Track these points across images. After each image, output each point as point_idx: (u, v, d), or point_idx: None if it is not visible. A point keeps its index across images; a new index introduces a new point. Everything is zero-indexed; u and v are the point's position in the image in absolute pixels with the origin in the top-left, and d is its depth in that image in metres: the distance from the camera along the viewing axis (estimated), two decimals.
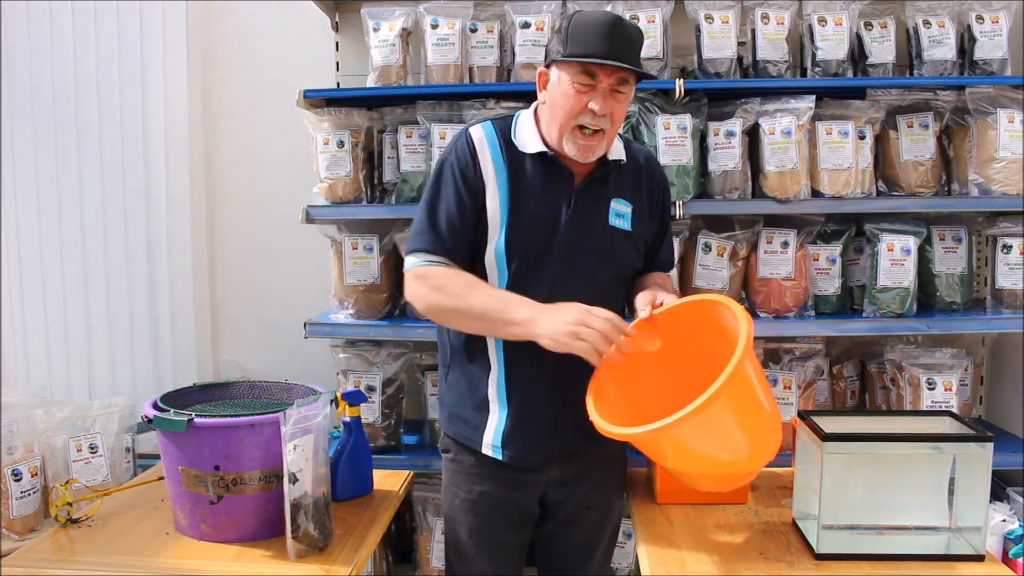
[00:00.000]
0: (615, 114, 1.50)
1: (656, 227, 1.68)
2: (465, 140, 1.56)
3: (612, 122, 1.50)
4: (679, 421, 1.21)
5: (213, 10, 2.66)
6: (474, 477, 1.64)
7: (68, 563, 1.46)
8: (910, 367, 2.28)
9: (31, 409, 2.08)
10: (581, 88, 1.46)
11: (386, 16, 2.36)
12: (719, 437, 1.32)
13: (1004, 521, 2.05)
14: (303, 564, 1.44)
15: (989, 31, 2.28)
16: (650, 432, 1.26)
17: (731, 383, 1.22)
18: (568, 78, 1.47)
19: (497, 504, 1.64)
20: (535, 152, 1.55)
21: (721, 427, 1.30)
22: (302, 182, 2.46)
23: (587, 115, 1.47)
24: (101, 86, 2.60)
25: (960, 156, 2.31)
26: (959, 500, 1.42)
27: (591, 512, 1.70)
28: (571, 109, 1.47)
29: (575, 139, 1.50)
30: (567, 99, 1.48)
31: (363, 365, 2.37)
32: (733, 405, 1.28)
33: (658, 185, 1.69)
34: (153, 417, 1.53)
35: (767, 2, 2.32)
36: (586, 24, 1.45)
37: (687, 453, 1.35)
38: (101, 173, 2.63)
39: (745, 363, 1.26)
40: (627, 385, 1.48)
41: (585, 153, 1.51)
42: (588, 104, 1.46)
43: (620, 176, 1.61)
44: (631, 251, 1.62)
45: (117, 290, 2.67)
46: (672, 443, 1.33)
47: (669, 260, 1.76)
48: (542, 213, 1.54)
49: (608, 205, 1.58)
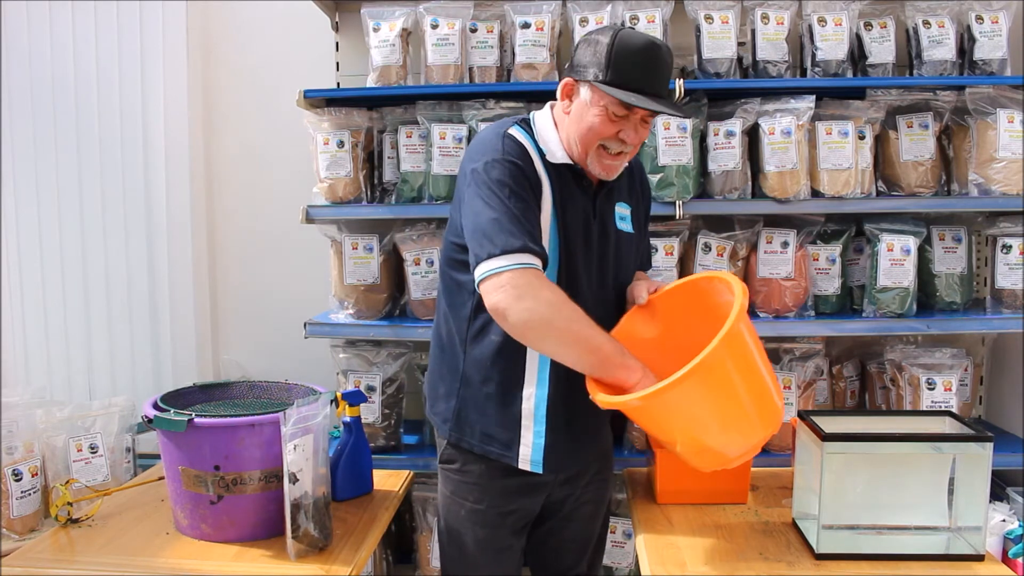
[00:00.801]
0: (639, 141, 1.52)
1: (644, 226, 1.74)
2: (515, 142, 1.49)
3: (635, 147, 1.52)
4: (677, 382, 1.20)
5: (213, 10, 2.66)
6: (483, 487, 1.60)
7: (68, 563, 1.47)
8: (910, 367, 2.28)
9: (31, 409, 2.08)
10: (616, 118, 1.46)
11: (386, 16, 2.36)
12: (719, 400, 1.29)
13: (1004, 521, 2.05)
14: (303, 564, 1.44)
15: (989, 31, 2.28)
16: (649, 396, 1.24)
17: (727, 342, 1.21)
18: (602, 104, 1.45)
19: (505, 512, 1.62)
20: (561, 162, 1.53)
21: (720, 388, 1.28)
22: (302, 182, 2.46)
23: (615, 142, 1.48)
24: (101, 86, 2.60)
25: (960, 156, 2.31)
26: (959, 500, 1.42)
27: (587, 506, 1.72)
28: (601, 133, 1.47)
29: (600, 158, 1.50)
30: (600, 124, 1.46)
31: (363, 365, 2.37)
32: (731, 364, 1.26)
33: (644, 185, 1.75)
34: (153, 417, 1.53)
35: (767, 2, 2.32)
36: (629, 51, 1.41)
37: (686, 420, 1.32)
38: (101, 173, 2.63)
39: (740, 325, 1.25)
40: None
41: (610, 173, 1.53)
42: (619, 133, 1.46)
43: (620, 179, 1.63)
44: (635, 252, 1.67)
45: (117, 290, 2.67)
46: (671, 410, 1.30)
47: (648, 257, 1.82)
48: (579, 223, 1.53)
49: (614, 208, 1.61)
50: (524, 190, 1.44)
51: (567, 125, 1.52)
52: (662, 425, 1.37)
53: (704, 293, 1.45)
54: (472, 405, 1.57)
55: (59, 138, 2.62)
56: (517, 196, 1.42)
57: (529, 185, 1.45)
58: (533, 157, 1.50)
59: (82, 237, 2.65)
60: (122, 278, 2.67)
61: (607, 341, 1.38)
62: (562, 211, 1.50)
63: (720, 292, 1.42)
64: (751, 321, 1.41)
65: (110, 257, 2.66)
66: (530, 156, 1.49)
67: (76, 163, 2.62)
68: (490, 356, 1.53)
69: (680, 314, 1.50)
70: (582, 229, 1.53)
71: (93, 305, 2.67)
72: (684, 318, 1.49)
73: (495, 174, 1.43)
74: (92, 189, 2.63)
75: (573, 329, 1.36)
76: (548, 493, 1.65)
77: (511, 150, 1.47)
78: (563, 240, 1.50)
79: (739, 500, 1.71)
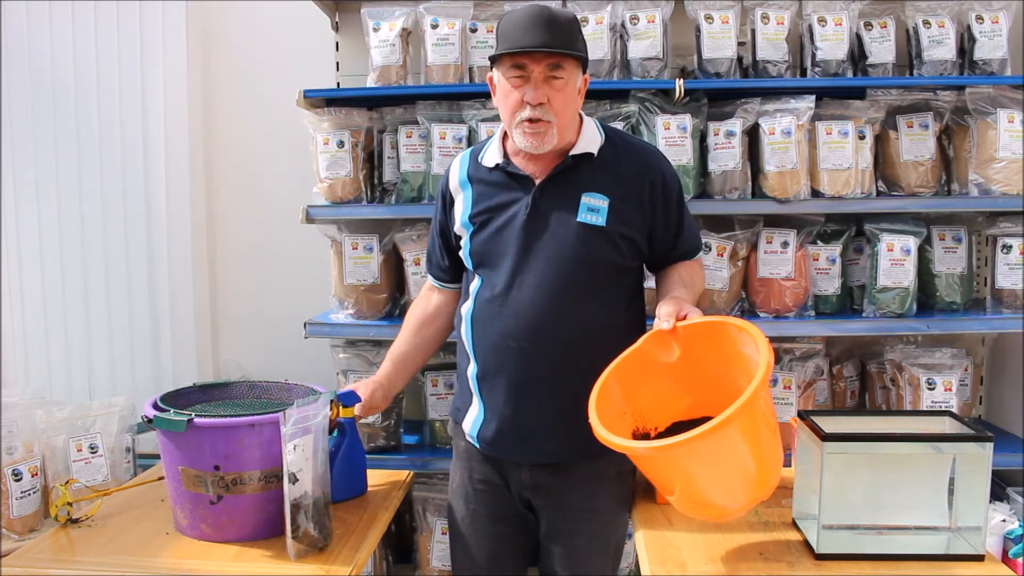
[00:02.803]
0: (554, 102, 1.49)
1: (659, 219, 1.61)
2: (447, 171, 1.70)
3: (556, 111, 1.49)
4: (685, 442, 1.19)
5: (213, 10, 2.66)
6: (466, 462, 1.71)
7: (68, 563, 1.46)
8: (910, 367, 2.28)
9: (31, 409, 2.08)
10: (515, 82, 1.49)
11: (386, 16, 2.36)
12: (721, 465, 1.29)
13: (1004, 521, 2.05)
14: (303, 564, 1.44)
15: (989, 31, 2.28)
16: (653, 449, 1.24)
17: (746, 410, 1.20)
18: (502, 75, 1.51)
19: (484, 491, 1.68)
20: (491, 165, 1.60)
21: (726, 455, 1.27)
22: (302, 182, 2.46)
23: (526, 108, 1.49)
24: (101, 86, 2.60)
25: (960, 156, 2.31)
26: (959, 500, 1.42)
27: (576, 537, 1.65)
28: (511, 104, 1.51)
29: (523, 131, 1.51)
30: (506, 96, 1.52)
31: (363, 365, 2.37)
32: (742, 434, 1.26)
33: (652, 174, 1.60)
34: (153, 417, 1.53)
35: (767, 2, 2.32)
36: (512, 19, 1.50)
37: (685, 477, 1.32)
38: (101, 173, 2.63)
39: (760, 393, 1.23)
40: (631, 392, 1.47)
41: (535, 142, 1.51)
42: (524, 97, 1.48)
43: (593, 170, 1.57)
44: (605, 246, 1.55)
45: (117, 290, 2.67)
46: (671, 464, 1.31)
47: (694, 247, 1.70)
48: (498, 218, 1.58)
49: (578, 201, 1.55)
50: (436, 226, 1.74)
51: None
52: (664, 475, 1.38)
53: (729, 337, 1.42)
54: (458, 379, 1.75)
55: (59, 138, 2.62)
56: (432, 233, 1.76)
57: (441, 210, 1.71)
58: (452, 181, 1.67)
59: (82, 237, 2.65)
60: (122, 278, 2.67)
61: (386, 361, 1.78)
62: (480, 217, 1.60)
63: (745, 342, 1.38)
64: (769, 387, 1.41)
65: (110, 257, 2.66)
66: (449, 182, 1.68)
67: (76, 163, 2.62)
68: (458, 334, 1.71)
69: (701, 349, 1.45)
70: (507, 227, 1.57)
71: (93, 305, 2.67)
72: (704, 354, 1.44)
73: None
74: (92, 189, 2.63)
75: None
76: (520, 493, 1.66)
77: (441, 182, 1.71)
78: (479, 244, 1.60)
79: None
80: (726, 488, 1.33)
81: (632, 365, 1.46)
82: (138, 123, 2.61)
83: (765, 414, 1.30)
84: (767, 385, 1.27)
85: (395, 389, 1.79)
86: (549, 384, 1.55)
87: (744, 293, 2.35)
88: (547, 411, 1.56)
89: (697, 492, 1.36)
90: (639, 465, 1.40)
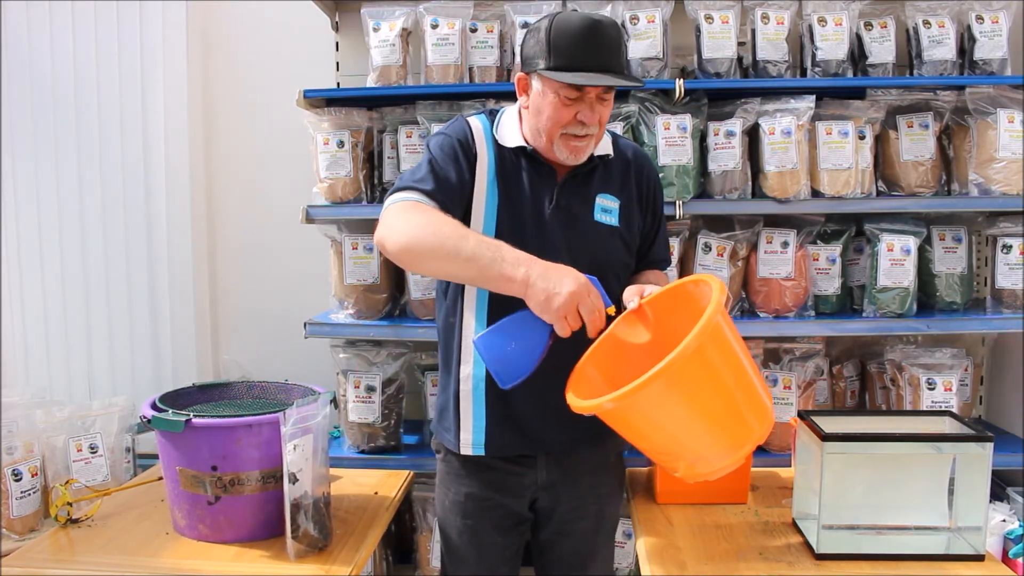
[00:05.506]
0: (602, 119, 1.50)
1: (648, 223, 1.66)
2: (464, 122, 1.57)
3: (600, 125, 1.50)
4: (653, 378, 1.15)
5: (213, 10, 2.66)
6: (461, 478, 1.64)
7: (68, 563, 1.47)
8: (910, 367, 2.28)
9: (31, 409, 2.09)
10: (567, 101, 1.45)
11: (386, 16, 2.36)
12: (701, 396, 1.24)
13: (1004, 521, 2.05)
14: (303, 564, 1.44)
15: (989, 31, 2.28)
16: (624, 396, 1.18)
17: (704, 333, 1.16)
18: (553, 91, 1.45)
19: (484, 507, 1.63)
20: (515, 146, 1.55)
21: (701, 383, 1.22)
22: (302, 182, 2.46)
23: (575, 125, 1.47)
24: (101, 86, 2.60)
25: (960, 156, 2.31)
26: (959, 500, 1.42)
27: (583, 521, 1.66)
28: (559, 120, 1.47)
29: (566, 144, 1.49)
30: (555, 111, 1.46)
31: (363, 365, 2.37)
32: (712, 355, 1.22)
33: (648, 179, 1.66)
34: (151, 417, 1.53)
35: (767, 2, 2.32)
36: (567, 33, 1.41)
37: (657, 427, 1.28)
38: (101, 173, 2.63)
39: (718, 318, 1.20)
40: (612, 376, 1.44)
41: (577, 155, 1.51)
42: (576, 116, 1.46)
43: (607, 171, 1.60)
44: (619, 247, 1.60)
45: (117, 290, 2.67)
46: (649, 410, 1.25)
47: (664, 258, 1.73)
48: (526, 203, 1.54)
49: (593, 201, 1.57)
50: (450, 158, 1.50)
51: (528, 118, 1.54)
52: (642, 430, 1.32)
53: (692, 298, 1.42)
54: (439, 393, 1.67)
55: (59, 138, 2.62)
56: (437, 159, 1.50)
57: (462, 154, 1.51)
58: (477, 136, 1.55)
59: (82, 237, 2.65)
60: (122, 278, 2.67)
61: (481, 245, 1.35)
62: (504, 185, 1.53)
63: (706, 296, 1.38)
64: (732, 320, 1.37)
65: (110, 257, 2.66)
66: (473, 134, 1.55)
67: (76, 163, 2.62)
68: (440, 339, 1.63)
69: (670, 319, 1.44)
70: (532, 210, 1.53)
71: (93, 305, 2.67)
72: (674, 323, 1.45)
73: (431, 143, 1.55)
74: (92, 189, 2.63)
75: (446, 244, 1.35)
76: (533, 496, 1.63)
77: (454, 128, 1.56)
78: (502, 214, 1.52)
79: (739, 500, 1.71)
80: (702, 431, 1.28)
81: (608, 352, 1.44)
82: (138, 123, 2.61)
83: (728, 349, 1.26)
84: (726, 313, 1.24)
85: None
86: (563, 374, 1.47)
87: (744, 293, 2.35)
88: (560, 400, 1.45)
89: (674, 442, 1.31)
90: (616, 427, 1.35)
